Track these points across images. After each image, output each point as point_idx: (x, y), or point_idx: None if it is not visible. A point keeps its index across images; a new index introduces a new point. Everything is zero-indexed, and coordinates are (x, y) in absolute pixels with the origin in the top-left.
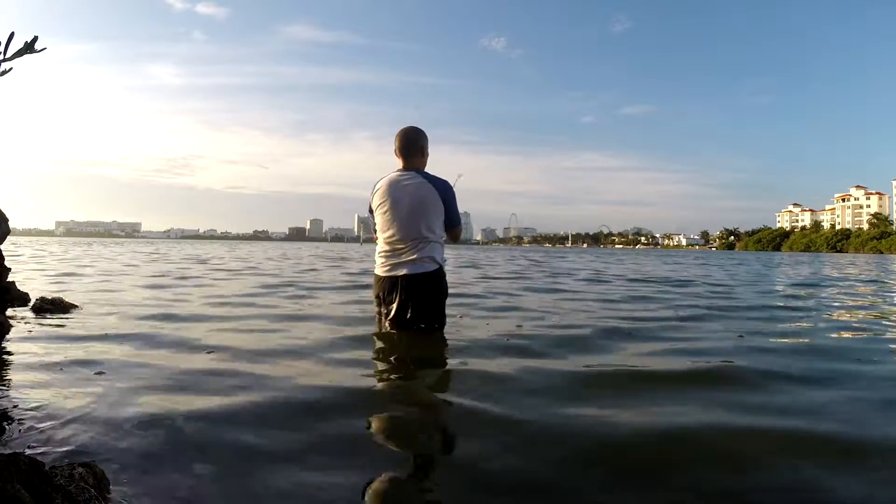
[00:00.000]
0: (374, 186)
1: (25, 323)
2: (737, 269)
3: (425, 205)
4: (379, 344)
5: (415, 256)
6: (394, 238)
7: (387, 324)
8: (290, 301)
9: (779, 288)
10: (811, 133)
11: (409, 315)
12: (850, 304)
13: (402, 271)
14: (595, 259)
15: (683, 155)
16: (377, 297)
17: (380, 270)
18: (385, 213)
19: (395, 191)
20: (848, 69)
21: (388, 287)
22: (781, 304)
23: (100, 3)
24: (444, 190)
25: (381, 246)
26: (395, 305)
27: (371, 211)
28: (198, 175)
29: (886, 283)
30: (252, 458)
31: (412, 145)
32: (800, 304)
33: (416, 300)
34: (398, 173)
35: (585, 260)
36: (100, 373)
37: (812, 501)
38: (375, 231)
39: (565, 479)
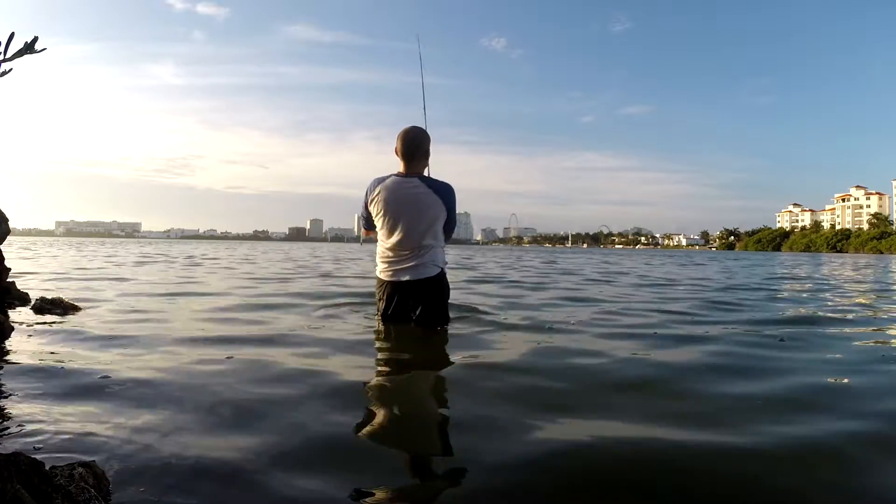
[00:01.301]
0: (374, 189)
1: (27, 326)
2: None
3: (429, 214)
4: (382, 344)
5: (417, 262)
6: (396, 245)
7: (389, 325)
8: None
9: None
10: (811, 133)
11: (413, 317)
12: None
13: (406, 277)
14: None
15: (683, 155)
16: (380, 299)
17: (383, 275)
18: (387, 221)
19: (397, 199)
20: (848, 69)
21: (392, 291)
22: None
23: (100, 3)
24: (446, 196)
25: (382, 250)
26: (398, 308)
27: (366, 208)
28: (198, 175)
29: None
30: (253, 463)
31: (417, 149)
32: None
33: (421, 303)
34: (400, 179)
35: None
36: (104, 377)
37: None
38: (368, 229)
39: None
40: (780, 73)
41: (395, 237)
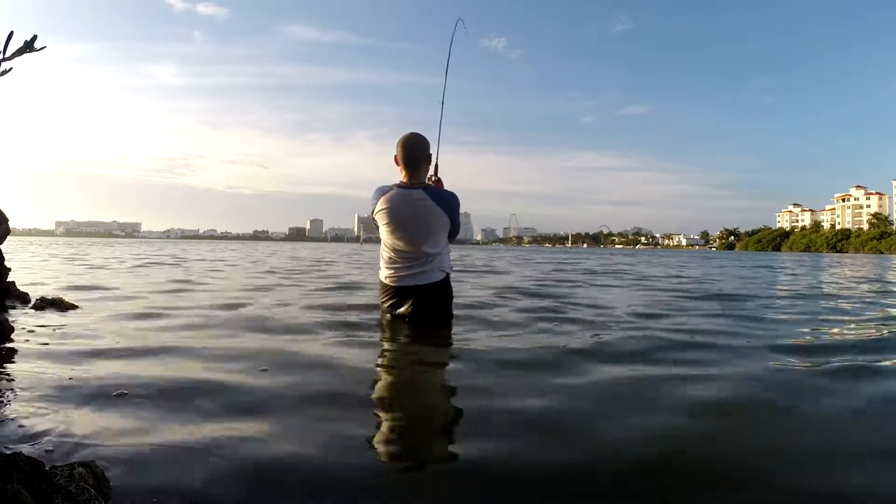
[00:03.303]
0: (377, 201)
1: (28, 326)
2: None
3: (434, 226)
4: (386, 345)
5: (423, 269)
6: (402, 254)
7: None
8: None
9: None
10: (812, 133)
11: (418, 320)
12: None
13: (411, 283)
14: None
15: (683, 155)
16: (383, 303)
17: (388, 280)
18: (391, 232)
19: (402, 213)
20: (848, 69)
21: (396, 295)
22: None
23: (100, 3)
24: (450, 206)
25: (387, 256)
26: (403, 311)
27: (373, 215)
28: (198, 175)
29: None
30: (255, 464)
31: (420, 156)
32: None
33: (426, 307)
34: (404, 192)
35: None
36: (105, 376)
37: None
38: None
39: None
40: (780, 73)
41: (401, 248)
